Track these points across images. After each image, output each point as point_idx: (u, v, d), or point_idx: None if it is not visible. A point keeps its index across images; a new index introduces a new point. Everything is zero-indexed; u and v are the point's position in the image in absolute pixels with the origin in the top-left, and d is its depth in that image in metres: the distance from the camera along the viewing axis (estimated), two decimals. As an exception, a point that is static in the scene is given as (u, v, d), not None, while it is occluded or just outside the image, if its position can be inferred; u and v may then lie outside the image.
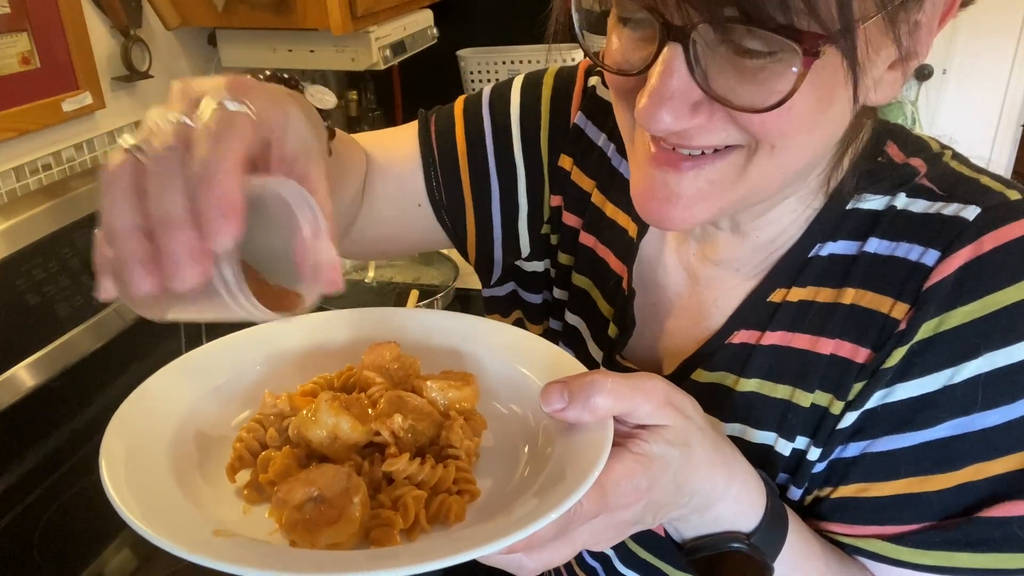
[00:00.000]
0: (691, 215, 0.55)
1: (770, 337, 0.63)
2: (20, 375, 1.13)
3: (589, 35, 0.54)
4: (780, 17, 0.42)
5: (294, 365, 0.62)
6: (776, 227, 0.63)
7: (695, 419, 0.52)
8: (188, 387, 0.58)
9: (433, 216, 0.80)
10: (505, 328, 0.65)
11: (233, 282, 0.37)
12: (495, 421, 0.58)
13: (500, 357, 0.62)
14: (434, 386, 0.56)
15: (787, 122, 0.48)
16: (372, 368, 0.59)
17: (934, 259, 0.57)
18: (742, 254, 0.65)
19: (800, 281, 0.62)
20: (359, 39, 1.63)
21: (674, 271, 0.71)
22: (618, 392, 0.48)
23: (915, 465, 0.58)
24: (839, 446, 0.60)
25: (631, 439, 0.49)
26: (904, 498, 0.58)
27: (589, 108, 0.76)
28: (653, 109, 0.48)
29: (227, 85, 0.42)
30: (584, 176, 0.75)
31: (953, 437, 0.56)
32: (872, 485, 0.59)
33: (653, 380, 0.50)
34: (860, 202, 0.61)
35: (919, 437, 0.57)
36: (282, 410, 0.55)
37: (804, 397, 0.61)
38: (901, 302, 0.57)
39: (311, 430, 0.51)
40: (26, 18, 1.27)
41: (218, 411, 0.57)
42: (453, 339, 0.64)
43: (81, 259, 1.26)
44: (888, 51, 0.49)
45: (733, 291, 0.66)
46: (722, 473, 0.53)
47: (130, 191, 0.38)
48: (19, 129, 1.28)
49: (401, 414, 0.52)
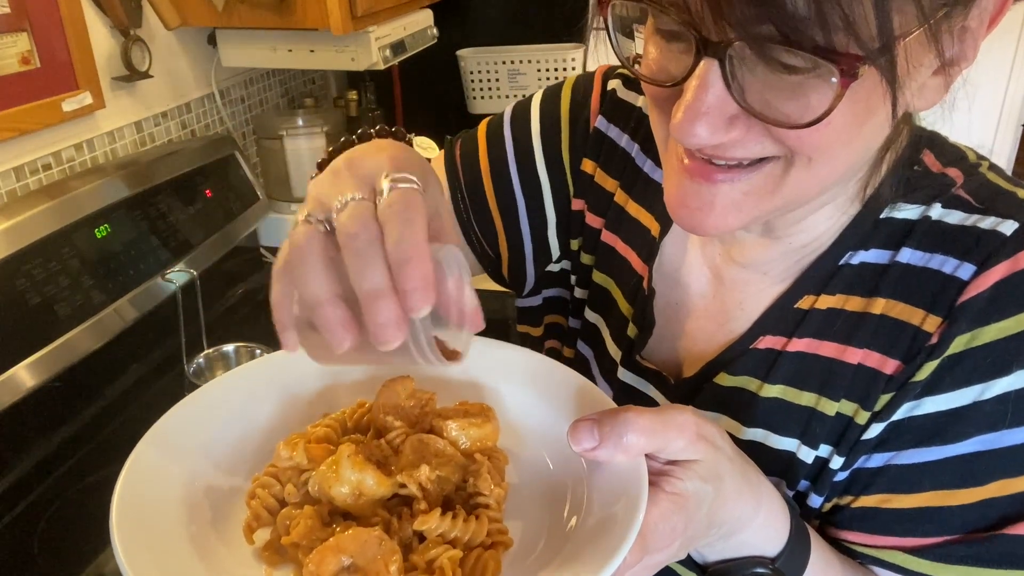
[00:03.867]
0: (725, 223, 0.54)
1: (797, 344, 0.62)
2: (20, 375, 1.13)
3: (624, 40, 0.53)
4: (818, 37, 0.41)
5: (305, 400, 0.60)
6: (810, 233, 0.62)
7: (724, 449, 0.51)
8: (197, 431, 0.55)
9: (463, 240, 0.82)
10: (524, 354, 0.63)
11: (424, 341, 0.43)
12: (517, 455, 0.56)
13: (520, 385, 0.60)
14: (454, 426, 0.54)
15: (825, 137, 0.47)
16: (388, 408, 0.56)
17: (969, 273, 0.56)
18: (770, 257, 0.65)
19: (829, 288, 0.61)
20: (359, 39, 1.63)
21: (698, 271, 0.70)
22: (650, 429, 0.47)
23: (940, 479, 0.57)
24: (863, 456, 0.60)
25: (664, 477, 0.48)
26: (927, 511, 0.58)
27: (609, 111, 0.76)
28: (688, 124, 0.47)
29: (389, 163, 0.46)
30: (607, 177, 0.76)
31: (980, 453, 0.56)
32: (895, 496, 0.59)
33: (683, 414, 0.49)
34: (894, 211, 0.60)
35: (946, 451, 0.57)
36: (298, 463, 0.52)
37: (829, 406, 0.60)
38: (933, 315, 0.57)
39: (334, 487, 0.49)
40: (26, 18, 1.27)
41: (230, 457, 0.55)
42: (470, 365, 0.63)
43: (81, 259, 1.26)
44: (931, 61, 0.48)
45: (759, 295, 0.65)
46: (750, 501, 0.53)
47: (325, 262, 0.43)
48: (19, 129, 1.28)
49: (427, 463, 0.50)
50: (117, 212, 1.36)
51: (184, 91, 1.71)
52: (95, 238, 1.30)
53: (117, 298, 1.30)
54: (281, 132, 1.83)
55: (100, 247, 1.31)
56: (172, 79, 1.67)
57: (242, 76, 1.90)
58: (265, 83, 2.01)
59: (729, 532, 0.53)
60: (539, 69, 2.11)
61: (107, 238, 1.32)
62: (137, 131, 1.57)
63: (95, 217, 1.31)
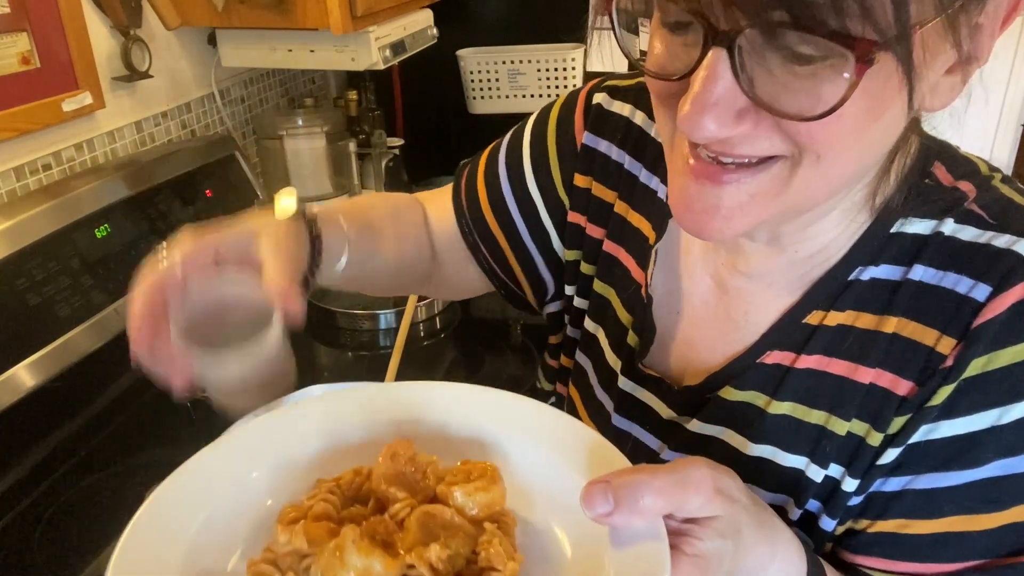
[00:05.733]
0: (730, 227, 0.53)
1: (806, 360, 0.61)
2: (20, 375, 1.13)
3: (628, 35, 0.52)
4: (832, 22, 0.40)
5: (302, 465, 0.58)
6: (816, 243, 0.61)
7: (741, 500, 0.50)
8: (189, 510, 0.53)
9: (473, 260, 0.86)
10: (531, 405, 0.61)
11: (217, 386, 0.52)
12: (525, 519, 0.54)
13: (526, 439, 0.58)
14: (460, 493, 0.52)
15: (836, 131, 0.46)
16: (388, 478, 0.53)
17: (985, 294, 0.55)
18: (776, 269, 0.63)
19: (839, 304, 0.60)
20: (359, 39, 1.63)
21: (700, 280, 0.69)
22: (666, 491, 0.46)
23: (959, 504, 0.56)
24: (879, 479, 0.59)
25: (683, 538, 0.47)
26: (946, 536, 0.57)
27: (596, 125, 0.76)
28: (696, 116, 0.46)
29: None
30: (606, 189, 0.76)
31: (1000, 478, 0.55)
32: (913, 522, 0.58)
33: (699, 469, 0.47)
34: (905, 225, 0.59)
35: (964, 476, 0.56)
36: (298, 548, 0.49)
37: (840, 425, 0.59)
38: (948, 336, 0.55)
39: (340, 573, 0.46)
40: (26, 18, 1.27)
41: (224, 536, 0.52)
42: (474, 419, 0.60)
43: (81, 259, 1.26)
44: (946, 55, 0.46)
45: (765, 307, 0.64)
46: (767, 550, 0.52)
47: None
48: (19, 129, 1.28)
49: (435, 539, 0.48)
50: (117, 212, 1.36)
51: (184, 91, 1.71)
52: (95, 238, 1.30)
53: (117, 298, 1.30)
54: (281, 132, 1.83)
55: (100, 247, 1.31)
56: (172, 79, 1.67)
57: (242, 76, 1.90)
58: (265, 83, 2.00)
59: None
60: (539, 69, 2.11)
61: (107, 238, 1.32)
62: (137, 131, 1.57)
63: (95, 217, 1.31)
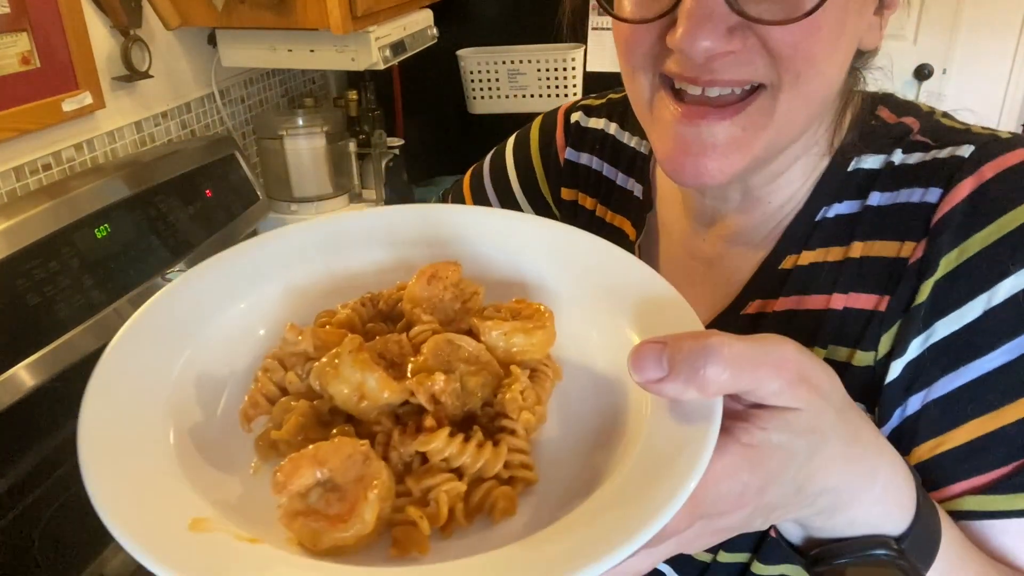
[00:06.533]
0: (728, 164, 0.56)
1: (783, 303, 0.63)
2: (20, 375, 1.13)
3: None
4: None
5: (319, 287, 0.51)
6: (786, 192, 0.65)
7: (832, 398, 0.41)
8: (195, 310, 0.48)
9: None
10: (613, 253, 0.52)
11: None
12: (564, 381, 0.46)
13: (593, 289, 0.49)
14: (495, 331, 0.43)
15: (815, 42, 0.51)
16: (420, 300, 0.46)
17: (937, 196, 0.58)
18: (752, 224, 0.67)
19: (810, 245, 0.63)
20: (359, 39, 1.63)
21: (683, 263, 0.72)
22: (737, 362, 0.37)
23: (979, 401, 0.54)
24: (897, 407, 0.56)
25: (741, 424, 0.39)
26: (981, 441, 0.54)
27: (576, 141, 0.83)
28: (694, 30, 0.50)
29: None
30: (587, 197, 0.82)
31: (1011, 362, 0.53)
32: (944, 438, 0.55)
33: (783, 347, 0.39)
34: (860, 163, 0.63)
35: (974, 370, 0.54)
36: (305, 350, 0.44)
37: (817, 354, 0.60)
38: (910, 241, 0.58)
39: (332, 384, 0.41)
40: (26, 18, 1.27)
41: (239, 340, 0.48)
42: (529, 254, 0.51)
43: (81, 259, 1.26)
44: None
45: (745, 264, 0.67)
46: (861, 469, 0.43)
47: None
48: (19, 129, 1.28)
49: (446, 371, 0.41)
50: (117, 212, 1.36)
51: (184, 91, 1.71)
52: (95, 238, 1.30)
53: (117, 298, 1.30)
54: (281, 132, 1.83)
55: (100, 247, 1.31)
56: (172, 79, 1.67)
57: (242, 76, 1.90)
58: (265, 83, 2.01)
59: (832, 505, 0.43)
60: (539, 69, 2.11)
61: (107, 238, 1.32)
62: (137, 131, 1.57)
63: (95, 217, 1.31)
